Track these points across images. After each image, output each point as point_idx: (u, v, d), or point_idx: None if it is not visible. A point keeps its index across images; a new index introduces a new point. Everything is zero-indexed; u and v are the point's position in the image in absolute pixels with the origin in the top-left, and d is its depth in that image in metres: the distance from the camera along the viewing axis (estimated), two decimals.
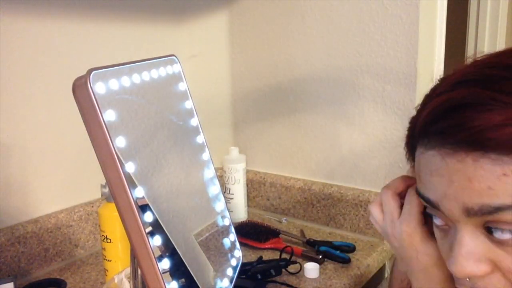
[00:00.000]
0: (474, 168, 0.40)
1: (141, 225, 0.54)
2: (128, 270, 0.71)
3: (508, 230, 0.40)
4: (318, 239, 1.14)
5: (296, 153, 1.32)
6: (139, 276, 0.64)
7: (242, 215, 1.32)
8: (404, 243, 0.56)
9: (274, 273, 0.99)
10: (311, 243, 1.12)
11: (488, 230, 0.42)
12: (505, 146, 0.38)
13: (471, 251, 0.42)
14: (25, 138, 1.05)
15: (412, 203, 0.54)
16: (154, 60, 0.65)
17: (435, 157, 0.43)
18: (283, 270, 1.00)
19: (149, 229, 0.58)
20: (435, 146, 0.43)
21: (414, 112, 0.49)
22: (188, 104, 0.73)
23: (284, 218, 1.31)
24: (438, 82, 0.47)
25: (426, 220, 0.55)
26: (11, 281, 0.87)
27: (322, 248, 1.08)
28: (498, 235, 0.41)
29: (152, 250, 0.54)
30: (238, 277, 0.80)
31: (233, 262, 0.80)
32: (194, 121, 0.74)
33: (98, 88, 0.53)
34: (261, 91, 1.36)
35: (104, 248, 0.90)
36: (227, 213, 0.80)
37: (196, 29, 1.40)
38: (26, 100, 1.04)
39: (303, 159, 1.31)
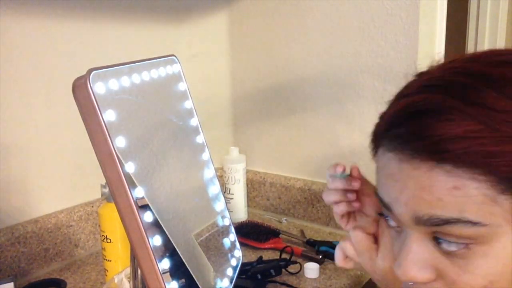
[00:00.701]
0: (427, 177, 0.40)
1: (141, 225, 0.54)
2: (128, 270, 0.71)
3: (454, 243, 0.40)
4: (318, 239, 1.14)
5: (296, 153, 1.32)
6: (139, 276, 0.64)
7: (242, 215, 1.32)
8: (387, 277, 0.56)
9: (274, 273, 0.99)
10: (311, 243, 1.12)
11: (436, 239, 0.42)
12: (460, 159, 0.38)
13: (416, 257, 0.43)
14: (25, 138, 1.05)
15: (388, 237, 0.53)
16: (154, 60, 0.65)
17: (392, 161, 0.42)
18: (283, 270, 1.00)
19: (149, 229, 0.58)
20: (394, 150, 0.42)
21: None
22: (188, 104, 0.73)
23: (284, 218, 1.31)
24: (408, 83, 0.47)
25: None
26: (11, 281, 0.87)
27: (322, 248, 1.08)
28: (445, 246, 0.41)
29: (152, 250, 0.54)
30: (238, 277, 0.80)
31: (233, 262, 0.80)
32: (194, 121, 0.74)
33: (98, 88, 0.53)
34: (261, 91, 1.36)
35: (104, 248, 0.90)
36: (227, 213, 0.80)
37: (196, 29, 1.40)
38: (26, 100, 1.04)
39: (303, 159, 1.31)
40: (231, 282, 0.76)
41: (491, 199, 0.38)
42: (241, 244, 0.90)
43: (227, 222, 0.80)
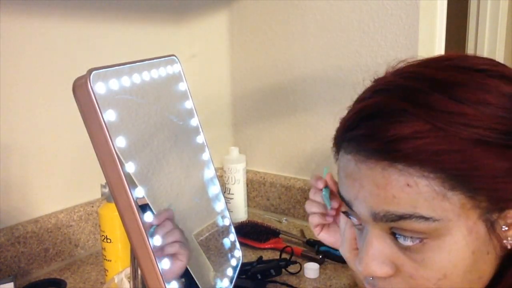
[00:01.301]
0: (382, 176, 0.42)
1: (141, 225, 0.54)
2: (128, 270, 0.71)
3: (409, 237, 0.43)
4: (318, 239, 1.14)
5: (296, 153, 1.32)
6: (139, 276, 0.64)
7: (242, 215, 1.32)
8: (350, 265, 0.61)
9: (274, 273, 0.99)
10: (311, 243, 1.12)
11: (394, 235, 0.44)
12: (411, 158, 0.40)
13: (376, 253, 0.45)
14: (25, 138, 1.04)
15: (346, 230, 0.56)
16: (154, 60, 0.65)
17: (351, 162, 0.45)
18: (283, 270, 1.00)
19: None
20: (351, 152, 0.45)
21: None
22: (188, 104, 0.73)
23: (284, 218, 1.31)
24: (365, 88, 0.49)
25: None
26: (11, 281, 0.87)
27: (322, 248, 1.08)
28: (401, 241, 0.43)
29: (152, 250, 0.54)
30: (238, 277, 0.80)
31: (233, 262, 0.80)
32: (194, 121, 0.74)
33: (98, 88, 0.53)
34: (261, 91, 1.36)
35: (104, 248, 0.90)
36: (227, 213, 0.80)
37: (196, 29, 1.40)
38: (26, 100, 1.04)
39: (303, 159, 1.31)
40: (231, 282, 0.76)
41: (441, 195, 0.41)
42: (241, 244, 0.90)
43: (227, 222, 0.80)
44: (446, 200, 0.41)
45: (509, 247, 0.43)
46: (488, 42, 1.82)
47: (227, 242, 0.80)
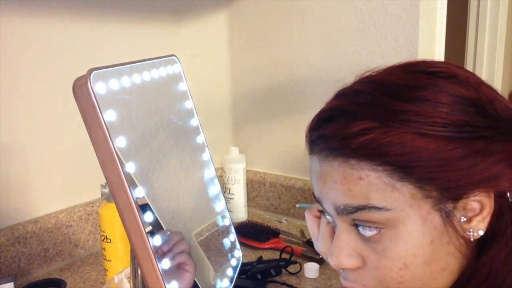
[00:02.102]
0: (338, 171, 0.46)
1: (141, 225, 0.54)
2: (128, 270, 0.71)
3: (368, 227, 0.46)
4: None
5: (296, 153, 1.32)
6: (139, 276, 0.64)
7: (242, 215, 1.32)
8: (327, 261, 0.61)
9: (274, 273, 0.99)
10: (311, 243, 1.12)
11: (356, 227, 0.47)
12: (360, 153, 0.44)
13: (343, 245, 0.48)
14: (25, 138, 1.05)
15: (322, 227, 0.57)
16: (155, 60, 0.65)
17: (315, 161, 0.49)
18: (283, 270, 1.00)
19: (149, 229, 0.58)
20: (315, 152, 0.49)
21: None
22: (188, 104, 0.73)
23: (284, 218, 1.31)
24: None
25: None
26: (11, 281, 0.87)
27: None
28: (362, 232, 0.47)
29: (152, 250, 0.54)
30: (238, 277, 0.80)
31: (233, 262, 0.80)
32: (194, 121, 0.74)
33: (99, 88, 0.53)
34: (261, 91, 1.36)
35: (104, 248, 0.90)
36: (227, 213, 0.80)
37: (196, 29, 1.40)
38: (26, 100, 1.04)
39: (303, 159, 1.31)
40: (231, 282, 0.76)
41: (390, 186, 0.44)
42: (241, 244, 0.90)
43: (227, 222, 0.80)
44: (396, 190, 0.44)
45: (471, 239, 0.45)
46: (488, 42, 1.82)
47: (227, 242, 0.80)
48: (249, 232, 1.17)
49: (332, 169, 0.46)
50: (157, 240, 0.60)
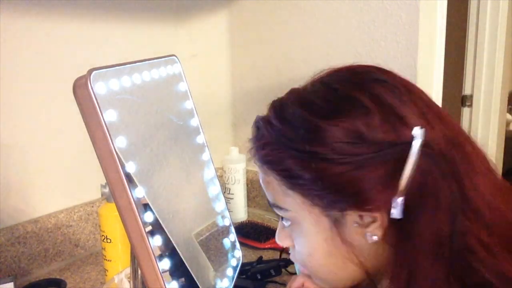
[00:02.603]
0: (260, 176, 0.57)
1: (141, 225, 0.54)
2: (128, 270, 0.71)
3: (284, 220, 0.57)
4: None
5: None
6: (139, 276, 0.64)
7: (242, 215, 1.32)
8: None
9: (274, 273, 0.99)
10: None
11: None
12: (264, 163, 0.54)
13: (278, 230, 0.60)
14: (25, 138, 1.05)
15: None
16: (155, 60, 0.65)
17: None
18: (283, 270, 1.00)
19: (149, 229, 0.58)
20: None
21: None
22: (188, 104, 0.73)
23: None
24: None
25: None
26: (11, 281, 0.87)
27: None
28: (283, 221, 0.58)
29: (152, 250, 0.54)
30: (238, 277, 0.80)
31: (233, 262, 0.80)
32: (194, 121, 0.74)
33: (99, 88, 0.53)
34: (261, 91, 1.36)
35: (104, 248, 0.90)
36: (227, 213, 0.80)
37: (196, 29, 1.40)
38: (26, 100, 1.04)
39: None
40: (231, 282, 0.76)
41: (284, 192, 0.53)
42: (241, 244, 0.90)
43: (227, 222, 0.80)
44: (288, 196, 0.53)
45: (369, 242, 0.51)
46: (488, 42, 1.82)
47: (227, 242, 0.80)
48: (249, 232, 1.17)
49: (259, 174, 0.57)
50: (157, 240, 0.60)
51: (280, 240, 0.60)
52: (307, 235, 0.54)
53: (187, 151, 0.72)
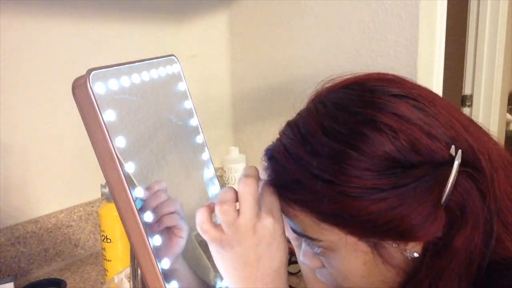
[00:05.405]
0: (281, 204, 0.53)
1: (141, 225, 0.54)
2: (128, 270, 0.71)
3: (315, 247, 0.53)
4: None
5: None
6: (139, 276, 0.64)
7: None
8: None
9: None
10: None
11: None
12: (292, 200, 0.51)
13: (305, 251, 0.57)
14: (25, 138, 1.05)
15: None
16: (154, 60, 0.65)
17: None
18: None
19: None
20: None
21: None
22: (188, 104, 0.73)
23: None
24: None
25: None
26: (11, 281, 0.87)
27: None
28: (312, 248, 0.54)
29: (152, 250, 0.54)
30: None
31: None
32: (194, 121, 0.74)
33: (98, 88, 0.53)
34: (261, 91, 1.36)
35: (104, 248, 0.90)
36: None
37: (196, 29, 1.40)
38: (26, 100, 1.04)
39: None
40: None
41: (317, 225, 0.50)
42: None
43: None
44: (322, 228, 0.49)
45: (409, 258, 0.49)
46: (488, 42, 1.82)
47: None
48: None
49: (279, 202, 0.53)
50: (157, 240, 0.60)
51: (308, 261, 0.57)
52: (343, 260, 0.51)
53: (187, 151, 0.72)
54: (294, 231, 0.53)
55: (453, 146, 0.46)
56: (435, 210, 0.45)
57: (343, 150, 0.46)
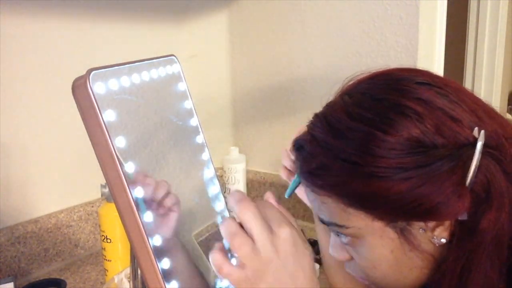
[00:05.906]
0: (309, 196, 0.55)
1: (141, 225, 0.54)
2: (128, 270, 0.71)
3: (342, 236, 0.54)
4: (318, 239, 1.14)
5: None
6: (139, 276, 0.64)
7: None
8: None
9: None
10: (311, 243, 1.11)
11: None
12: (318, 187, 0.52)
13: (333, 243, 0.58)
14: (25, 138, 1.05)
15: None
16: (154, 60, 0.65)
17: None
18: None
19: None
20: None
21: None
22: (188, 104, 0.73)
23: None
24: None
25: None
26: (11, 281, 0.87)
27: None
28: (340, 237, 0.55)
29: (152, 250, 0.54)
30: None
31: (233, 262, 0.80)
32: (194, 121, 0.74)
33: (98, 88, 0.53)
34: (261, 91, 1.36)
35: (104, 248, 0.90)
36: (227, 213, 0.80)
37: (196, 29, 1.40)
38: (26, 100, 1.04)
39: None
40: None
41: (344, 210, 0.51)
42: None
43: None
44: (349, 214, 0.51)
45: (437, 245, 0.50)
46: (488, 42, 1.82)
47: (227, 242, 0.79)
48: None
49: (309, 193, 0.55)
50: (157, 240, 0.60)
51: (337, 253, 0.58)
52: (371, 248, 0.52)
53: (187, 151, 0.72)
54: (322, 220, 0.54)
55: (476, 128, 0.47)
56: (459, 189, 0.46)
57: (369, 132, 0.48)
